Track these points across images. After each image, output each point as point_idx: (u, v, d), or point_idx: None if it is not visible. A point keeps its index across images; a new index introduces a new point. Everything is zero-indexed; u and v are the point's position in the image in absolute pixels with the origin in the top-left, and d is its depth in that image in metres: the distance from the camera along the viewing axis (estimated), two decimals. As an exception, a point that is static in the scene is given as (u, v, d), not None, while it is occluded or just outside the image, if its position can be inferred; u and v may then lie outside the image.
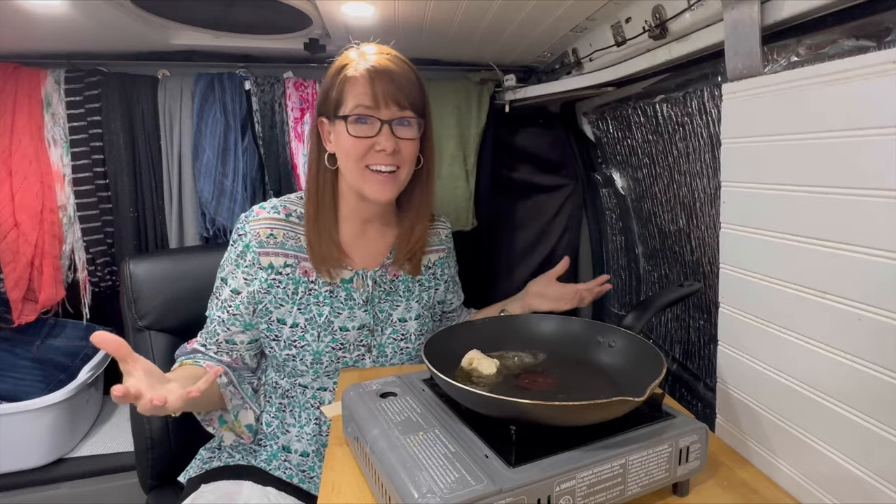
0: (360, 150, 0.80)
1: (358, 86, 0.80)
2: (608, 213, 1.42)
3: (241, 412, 0.87)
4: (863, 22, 0.55)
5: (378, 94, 0.79)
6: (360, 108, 0.79)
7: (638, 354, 0.67)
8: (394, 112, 0.80)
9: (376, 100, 0.79)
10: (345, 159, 0.83)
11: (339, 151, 0.84)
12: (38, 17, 0.93)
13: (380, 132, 0.80)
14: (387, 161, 0.81)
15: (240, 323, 0.86)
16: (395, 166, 0.82)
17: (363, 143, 0.80)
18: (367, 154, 0.81)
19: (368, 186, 0.82)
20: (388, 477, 0.51)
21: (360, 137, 0.80)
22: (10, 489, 1.14)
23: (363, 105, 0.79)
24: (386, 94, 0.79)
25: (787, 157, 0.57)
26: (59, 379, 1.23)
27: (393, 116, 0.80)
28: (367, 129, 0.80)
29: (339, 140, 0.82)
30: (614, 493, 0.52)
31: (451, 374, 0.62)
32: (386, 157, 0.81)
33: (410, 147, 0.83)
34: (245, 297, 0.85)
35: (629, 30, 0.88)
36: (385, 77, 0.79)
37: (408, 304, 0.93)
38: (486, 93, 1.33)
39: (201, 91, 1.22)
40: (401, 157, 0.82)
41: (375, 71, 0.79)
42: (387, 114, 0.80)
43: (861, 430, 0.50)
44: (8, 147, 1.16)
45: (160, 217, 1.26)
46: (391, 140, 0.80)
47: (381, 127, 0.80)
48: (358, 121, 0.80)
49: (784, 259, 0.58)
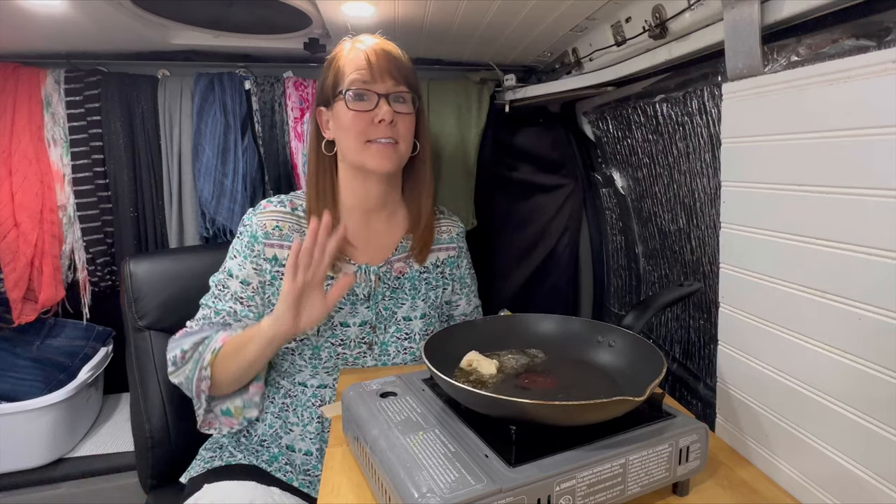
0: (361, 125, 0.83)
1: (354, 61, 0.84)
2: (608, 213, 1.41)
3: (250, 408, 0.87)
4: (863, 21, 0.54)
5: (374, 68, 0.82)
6: (357, 83, 0.83)
7: (638, 354, 0.67)
8: (389, 86, 0.84)
9: (373, 73, 0.82)
10: (345, 136, 0.85)
11: (338, 132, 0.86)
12: (38, 17, 0.93)
13: (378, 105, 0.83)
14: (386, 133, 0.84)
15: (254, 314, 0.87)
16: (393, 139, 0.85)
17: (363, 118, 0.83)
18: (368, 128, 0.83)
19: (370, 158, 0.84)
20: (388, 477, 0.51)
21: (359, 111, 0.83)
22: (10, 489, 1.14)
23: (361, 80, 0.83)
24: (382, 69, 0.83)
25: (787, 156, 0.57)
26: (58, 379, 1.23)
27: (389, 90, 0.84)
28: (365, 104, 0.83)
29: (339, 120, 0.85)
30: (614, 493, 0.52)
31: (450, 374, 0.62)
32: (386, 129, 0.83)
33: (407, 122, 0.86)
34: (257, 287, 0.86)
35: (629, 29, 0.88)
36: (380, 53, 0.83)
37: (413, 303, 0.93)
38: (486, 92, 1.33)
39: (201, 91, 1.22)
40: (398, 130, 0.85)
41: (371, 49, 0.84)
42: (383, 87, 0.83)
43: (861, 430, 0.50)
44: (8, 147, 1.16)
45: (160, 217, 1.26)
46: (389, 111, 0.83)
47: (378, 100, 0.83)
48: (356, 97, 0.83)
49: (784, 259, 0.58)
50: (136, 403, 1.02)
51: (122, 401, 1.43)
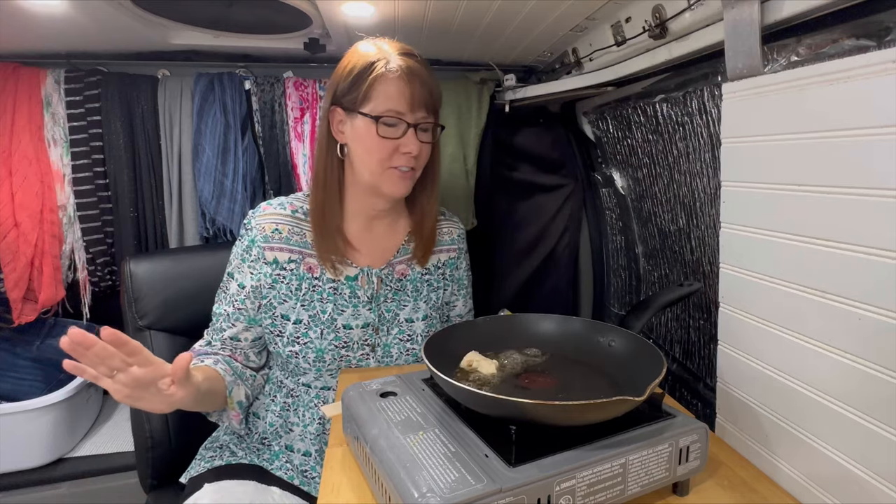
0: (386, 152, 0.81)
1: (392, 86, 0.79)
2: (608, 213, 1.41)
3: (234, 388, 0.85)
4: (863, 21, 0.54)
5: (412, 100, 0.80)
6: (392, 112, 0.80)
7: (638, 354, 0.67)
8: (420, 116, 0.82)
9: (411, 105, 0.80)
10: (366, 157, 0.83)
11: (357, 147, 0.84)
12: (38, 16, 0.93)
13: (405, 134, 0.81)
14: (409, 163, 0.83)
15: (244, 318, 0.87)
16: (413, 168, 0.84)
17: (389, 145, 0.81)
18: (393, 156, 0.82)
19: (386, 183, 0.84)
20: (388, 476, 0.51)
21: (387, 139, 0.81)
22: (10, 489, 1.14)
23: (396, 109, 0.80)
24: (421, 99, 0.80)
25: (787, 156, 0.57)
26: (58, 379, 1.23)
27: (419, 121, 0.82)
28: (394, 130, 0.81)
29: (360, 137, 0.82)
30: (614, 493, 0.52)
31: (450, 374, 0.62)
32: (409, 159, 0.82)
33: (428, 150, 0.86)
34: (250, 292, 0.86)
35: (629, 29, 0.88)
36: (419, 80, 0.80)
37: (415, 305, 0.93)
38: (486, 92, 1.33)
39: (201, 91, 1.22)
40: (420, 159, 0.84)
41: (411, 73, 0.79)
42: (414, 118, 0.81)
43: (861, 430, 0.50)
44: (8, 147, 1.16)
45: (160, 217, 1.26)
46: (416, 143, 0.82)
47: (406, 129, 0.81)
48: (388, 125, 0.81)
49: (784, 259, 0.58)
50: (136, 403, 1.02)
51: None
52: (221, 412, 0.86)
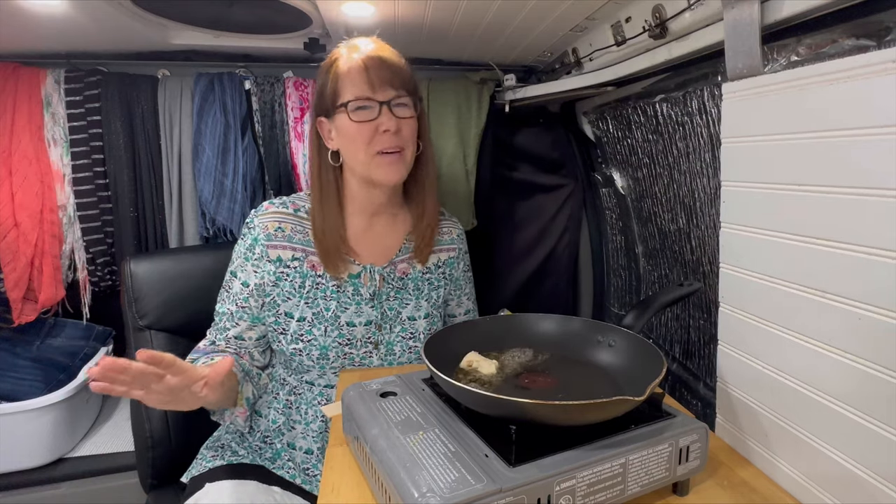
0: (366, 135, 0.83)
1: (354, 74, 0.83)
2: (608, 213, 1.41)
3: (244, 385, 0.86)
4: (863, 21, 0.55)
5: (374, 80, 0.82)
6: (359, 97, 0.82)
7: (638, 354, 0.67)
8: (389, 93, 0.83)
9: (372, 84, 0.82)
10: (352, 147, 0.85)
11: (343, 143, 0.86)
12: (38, 16, 0.93)
13: (380, 113, 0.83)
14: (392, 142, 0.84)
15: (248, 316, 0.87)
16: (399, 147, 0.85)
17: (367, 127, 0.83)
18: (374, 138, 0.83)
19: (378, 170, 0.85)
20: (388, 476, 0.51)
21: (362, 122, 0.82)
22: (10, 489, 1.14)
23: (361, 93, 0.82)
24: (381, 79, 0.82)
25: (787, 156, 0.57)
26: (58, 379, 1.23)
27: (389, 97, 0.83)
28: (367, 113, 0.83)
29: (343, 131, 0.84)
30: (614, 493, 0.52)
31: (451, 374, 0.62)
32: (391, 138, 0.83)
33: (410, 126, 0.86)
34: (254, 290, 0.87)
35: (629, 29, 0.88)
36: (377, 62, 0.83)
37: (417, 303, 0.93)
38: (486, 92, 1.33)
39: (201, 91, 1.22)
40: (403, 136, 0.85)
41: (368, 58, 0.83)
42: (383, 96, 0.83)
43: (861, 430, 0.50)
44: (8, 147, 1.16)
45: (160, 217, 1.26)
46: (392, 119, 0.83)
47: (380, 108, 0.83)
48: (358, 108, 0.83)
49: (784, 259, 0.58)
50: (136, 403, 1.02)
51: (122, 401, 1.43)
52: (224, 411, 0.86)
